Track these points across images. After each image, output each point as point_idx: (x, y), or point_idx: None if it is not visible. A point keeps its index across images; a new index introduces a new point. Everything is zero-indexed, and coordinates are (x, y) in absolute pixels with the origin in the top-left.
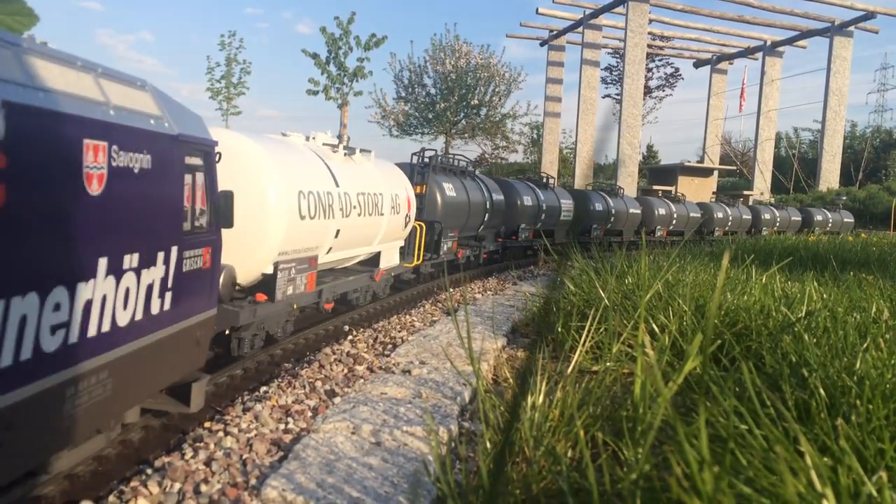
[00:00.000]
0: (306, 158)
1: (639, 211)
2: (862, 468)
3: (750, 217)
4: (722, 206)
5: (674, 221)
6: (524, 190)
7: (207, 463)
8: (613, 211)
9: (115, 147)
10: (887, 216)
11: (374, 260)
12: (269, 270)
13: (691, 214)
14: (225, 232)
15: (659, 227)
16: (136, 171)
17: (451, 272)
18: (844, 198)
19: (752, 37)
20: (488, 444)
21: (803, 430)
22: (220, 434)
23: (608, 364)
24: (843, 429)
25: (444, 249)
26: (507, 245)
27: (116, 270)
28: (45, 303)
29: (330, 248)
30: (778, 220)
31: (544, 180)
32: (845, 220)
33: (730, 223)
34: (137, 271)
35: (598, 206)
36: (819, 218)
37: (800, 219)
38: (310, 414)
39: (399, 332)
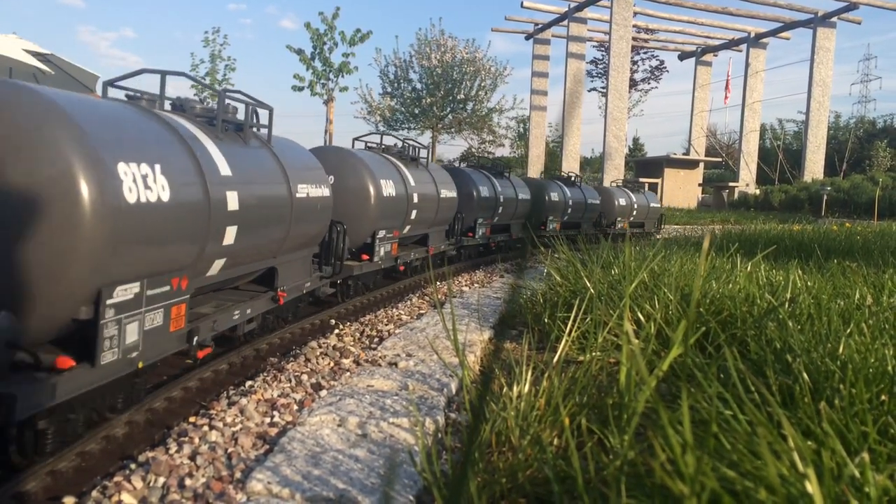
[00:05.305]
0: None
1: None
2: (845, 450)
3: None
4: None
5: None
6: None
7: (192, 457)
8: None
9: None
10: (871, 206)
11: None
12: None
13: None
14: None
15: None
16: None
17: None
18: (829, 188)
19: (737, 28)
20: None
21: (787, 414)
22: (205, 428)
23: (594, 353)
24: (827, 412)
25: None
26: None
27: None
28: None
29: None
30: (571, 201)
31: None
32: (652, 204)
33: None
34: None
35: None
36: (622, 202)
37: (598, 201)
38: (296, 407)
39: (386, 325)
